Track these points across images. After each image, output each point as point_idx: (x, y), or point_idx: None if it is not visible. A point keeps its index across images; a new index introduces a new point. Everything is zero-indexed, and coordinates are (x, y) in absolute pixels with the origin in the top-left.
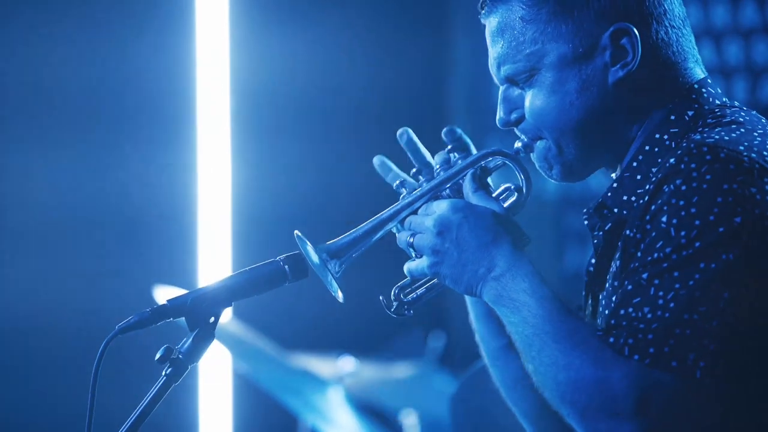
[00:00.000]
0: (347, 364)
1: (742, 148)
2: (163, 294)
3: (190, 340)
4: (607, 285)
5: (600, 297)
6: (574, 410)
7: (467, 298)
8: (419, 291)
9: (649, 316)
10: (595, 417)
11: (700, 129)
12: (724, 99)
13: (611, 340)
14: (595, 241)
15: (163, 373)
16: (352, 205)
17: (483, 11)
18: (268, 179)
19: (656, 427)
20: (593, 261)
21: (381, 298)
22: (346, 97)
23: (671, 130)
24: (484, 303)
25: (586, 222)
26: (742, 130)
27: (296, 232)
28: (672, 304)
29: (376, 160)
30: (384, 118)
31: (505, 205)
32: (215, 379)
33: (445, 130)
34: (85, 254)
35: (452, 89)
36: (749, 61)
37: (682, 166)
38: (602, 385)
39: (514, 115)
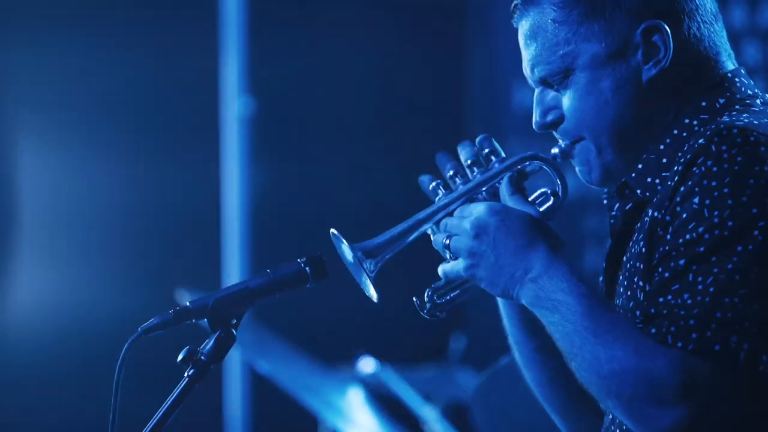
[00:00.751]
0: (367, 365)
1: None
2: (186, 296)
3: (212, 341)
4: (628, 266)
5: (619, 277)
6: (619, 402)
7: (500, 302)
8: (453, 293)
9: (689, 302)
10: (640, 406)
11: (728, 114)
12: (756, 90)
13: (653, 330)
14: (612, 221)
15: (186, 374)
16: (374, 206)
17: (515, 15)
18: (288, 181)
19: (703, 412)
20: (610, 242)
21: (414, 299)
22: (367, 99)
23: (701, 116)
24: (516, 306)
25: (605, 202)
26: None
27: (332, 230)
28: (711, 289)
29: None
30: (403, 122)
31: (541, 209)
32: (235, 379)
33: (480, 137)
34: (109, 257)
35: (470, 94)
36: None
37: (713, 147)
38: (646, 374)
39: (549, 117)
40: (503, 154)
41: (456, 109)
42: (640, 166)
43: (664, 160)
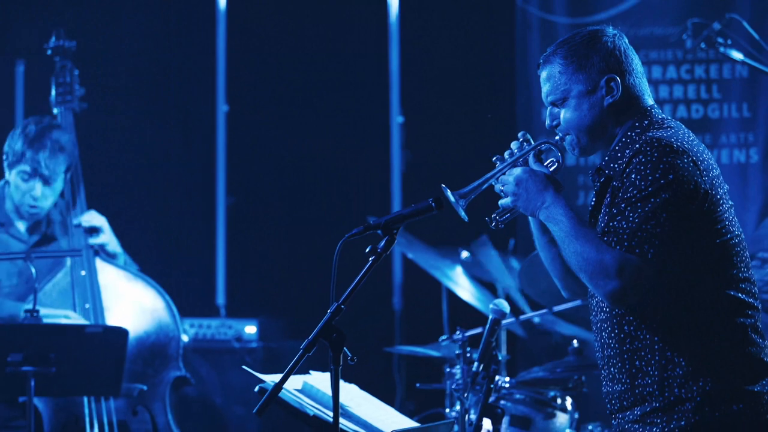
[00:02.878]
0: (464, 254)
1: (673, 140)
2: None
3: (384, 242)
4: (603, 211)
5: (599, 219)
6: (585, 274)
7: (530, 219)
8: (506, 215)
9: (624, 225)
10: (596, 278)
11: (650, 130)
12: (662, 115)
13: (605, 238)
14: (595, 188)
15: (370, 259)
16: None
17: (539, 68)
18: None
19: (629, 284)
20: (593, 200)
21: (486, 218)
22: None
23: (636, 131)
24: (537, 220)
25: (591, 175)
26: (673, 131)
27: (442, 184)
28: (636, 220)
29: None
30: (481, 129)
31: (551, 170)
32: (398, 268)
33: (520, 134)
34: (322, 200)
35: (518, 111)
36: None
37: (643, 148)
38: (600, 261)
39: (555, 122)
40: (532, 142)
41: (511, 119)
42: (606, 158)
43: (619, 154)
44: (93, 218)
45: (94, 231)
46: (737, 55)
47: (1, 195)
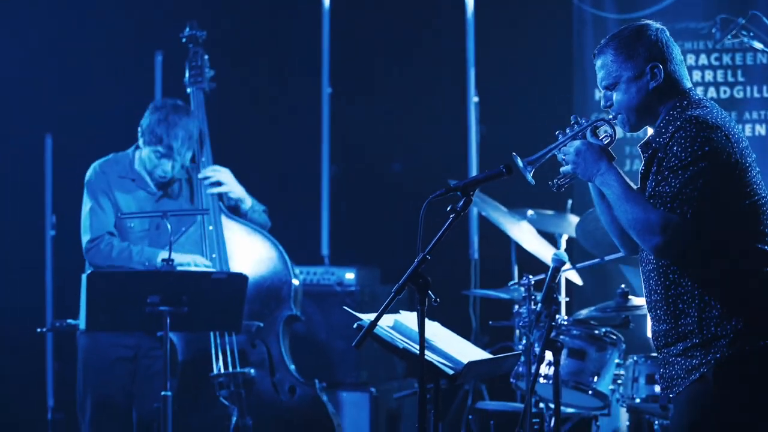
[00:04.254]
0: (530, 212)
1: (708, 117)
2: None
3: (462, 201)
4: (650, 178)
5: (647, 185)
6: (634, 232)
7: (590, 187)
8: (566, 180)
9: (667, 189)
10: (643, 233)
11: (689, 110)
12: (699, 96)
13: (651, 201)
14: (644, 158)
15: (450, 216)
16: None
17: (594, 57)
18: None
19: (671, 240)
20: (643, 168)
21: (549, 183)
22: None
23: (677, 110)
24: (595, 186)
25: (640, 148)
26: (708, 110)
27: (513, 153)
28: (677, 185)
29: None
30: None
31: (605, 143)
32: (474, 223)
33: (573, 117)
34: (410, 166)
35: (577, 95)
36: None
37: (684, 125)
38: (646, 220)
39: (608, 103)
40: (590, 119)
41: (569, 100)
42: (653, 133)
43: (663, 130)
44: (216, 171)
45: (217, 183)
46: (758, 45)
47: (132, 156)
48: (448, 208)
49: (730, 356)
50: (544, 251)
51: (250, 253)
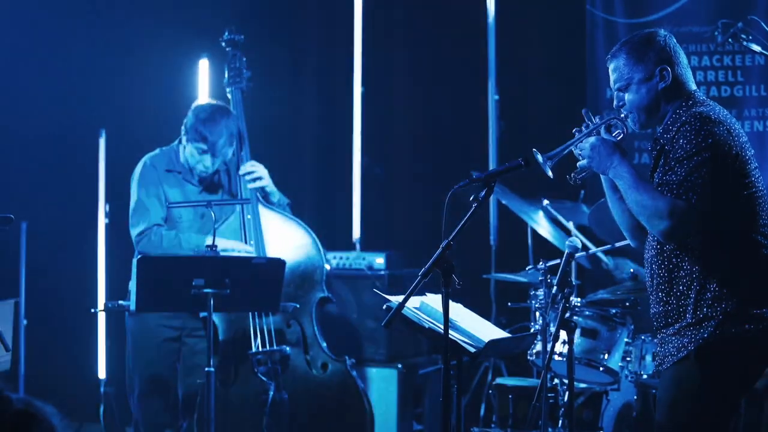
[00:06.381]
0: (546, 202)
1: (711, 113)
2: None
3: (484, 191)
4: (659, 170)
5: (655, 176)
6: (644, 217)
7: (603, 177)
8: (582, 174)
9: (674, 178)
10: (652, 219)
11: (694, 108)
12: (703, 97)
13: (659, 188)
14: (653, 153)
15: (473, 205)
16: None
17: (608, 61)
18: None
19: (677, 224)
20: (652, 161)
21: (567, 176)
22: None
23: (683, 109)
24: (608, 178)
25: (651, 144)
26: (711, 107)
27: (534, 149)
28: (683, 174)
29: (584, 111)
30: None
31: (618, 139)
32: (494, 211)
33: (584, 110)
34: (435, 160)
35: (591, 94)
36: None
37: (689, 119)
38: (655, 206)
39: (621, 103)
40: (604, 117)
41: (582, 98)
42: (660, 130)
43: (670, 127)
44: (255, 166)
45: (258, 178)
46: (756, 48)
47: (176, 149)
48: (471, 198)
49: (715, 337)
50: (557, 238)
51: (285, 239)
